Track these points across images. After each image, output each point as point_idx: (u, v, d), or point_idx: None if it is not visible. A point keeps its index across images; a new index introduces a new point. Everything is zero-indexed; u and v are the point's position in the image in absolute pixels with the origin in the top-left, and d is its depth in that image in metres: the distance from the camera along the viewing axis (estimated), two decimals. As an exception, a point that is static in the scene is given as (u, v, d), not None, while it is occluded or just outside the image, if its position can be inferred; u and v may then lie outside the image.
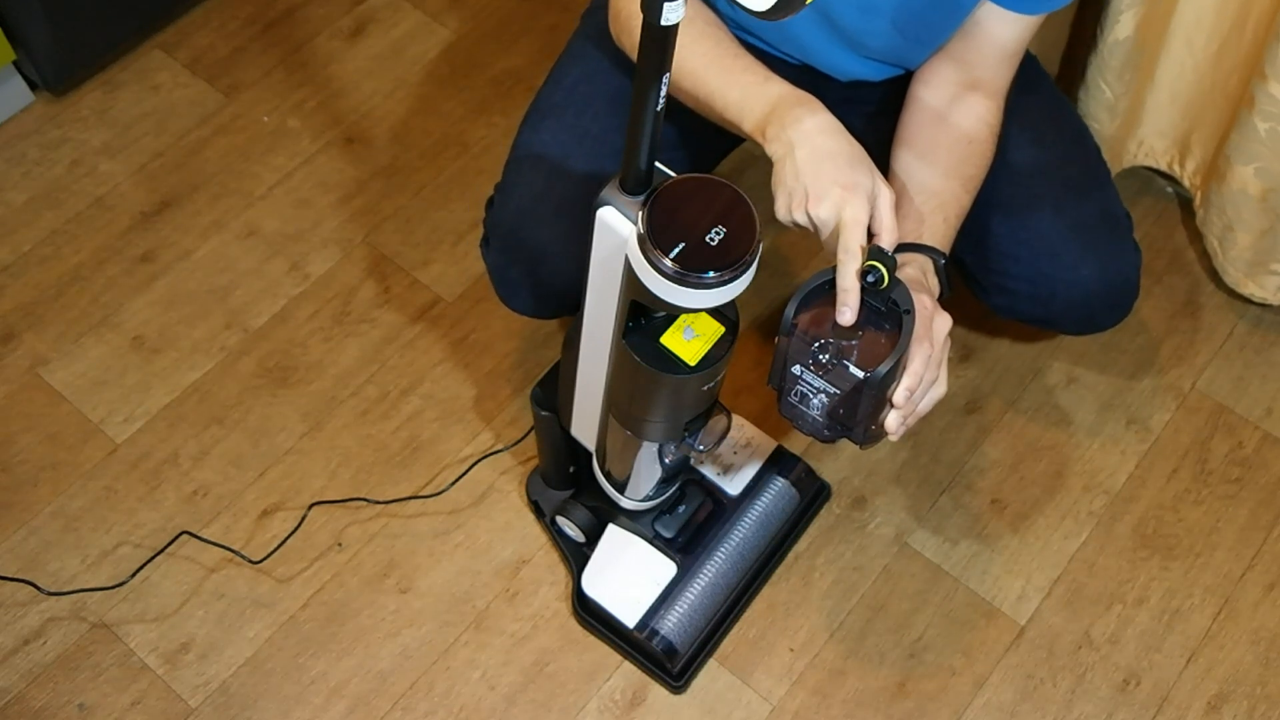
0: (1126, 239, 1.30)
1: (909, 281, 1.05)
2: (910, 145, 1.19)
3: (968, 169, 1.18)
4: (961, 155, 1.19)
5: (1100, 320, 1.32)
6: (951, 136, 1.19)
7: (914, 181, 1.17)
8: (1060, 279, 1.25)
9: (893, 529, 1.46)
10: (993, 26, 1.17)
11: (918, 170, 1.18)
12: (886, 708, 1.35)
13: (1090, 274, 1.25)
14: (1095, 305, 1.29)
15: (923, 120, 1.20)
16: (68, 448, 1.50)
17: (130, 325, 1.59)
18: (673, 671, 1.34)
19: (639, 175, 0.92)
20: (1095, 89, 1.49)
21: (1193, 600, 1.42)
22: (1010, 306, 1.30)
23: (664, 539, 1.35)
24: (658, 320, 1.02)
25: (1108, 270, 1.27)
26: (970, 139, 1.19)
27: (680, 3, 0.79)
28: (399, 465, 1.49)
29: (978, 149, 1.19)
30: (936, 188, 1.16)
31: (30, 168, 1.72)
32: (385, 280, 1.63)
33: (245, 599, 1.41)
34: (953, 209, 1.17)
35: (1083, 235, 1.25)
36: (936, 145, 1.18)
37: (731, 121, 1.12)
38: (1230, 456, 1.51)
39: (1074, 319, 1.31)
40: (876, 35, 1.20)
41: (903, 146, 1.20)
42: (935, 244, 1.14)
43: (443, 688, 1.36)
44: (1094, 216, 1.26)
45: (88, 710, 1.34)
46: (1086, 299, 1.27)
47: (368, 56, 1.84)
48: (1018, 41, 1.19)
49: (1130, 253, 1.30)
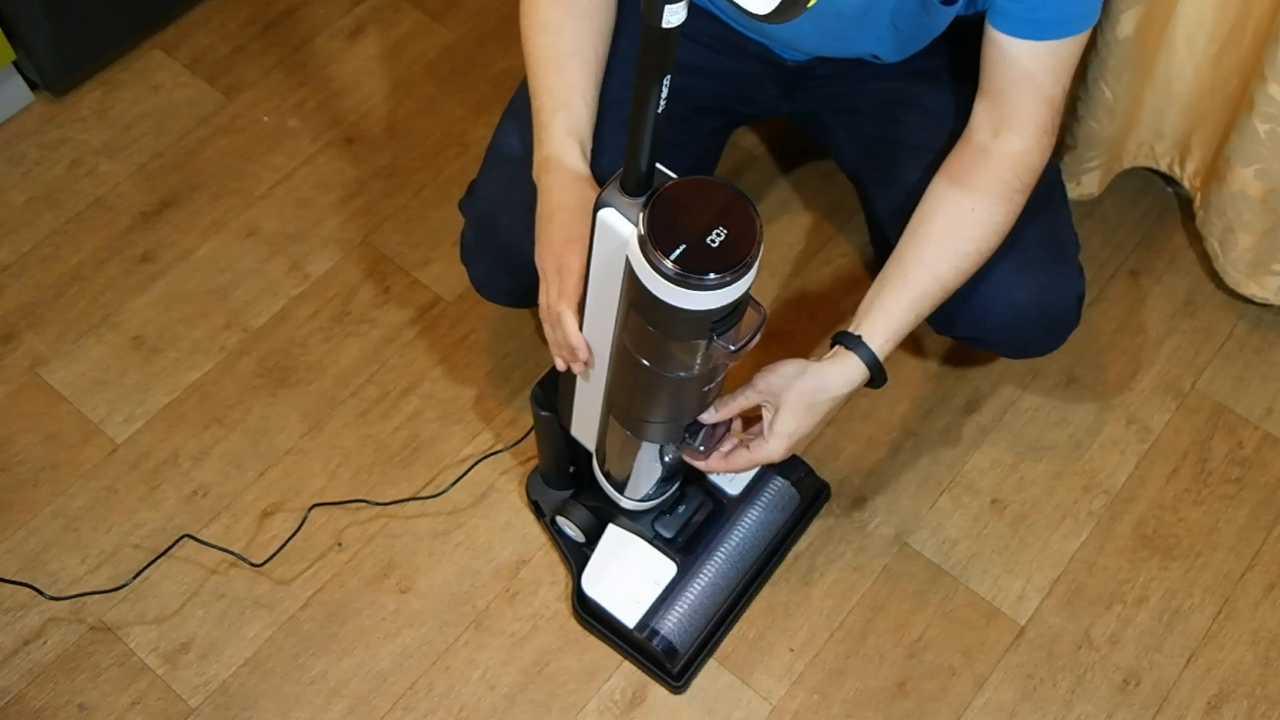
0: (1069, 264, 1.28)
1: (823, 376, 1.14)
2: (912, 216, 1.20)
3: (967, 245, 1.17)
4: (966, 225, 1.17)
5: (1035, 345, 1.31)
6: (948, 207, 1.18)
7: (902, 261, 1.17)
8: (995, 299, 1.23)
9: (893, 529, 1.46)
10: (1010, 54, 1.15)
11: (908, 247, 1.18)
12: (886, 708, 1.35)
13: (1025, 297, 1.24)
14: (1029, 329, 1.27)
15: (929, 190, 1.20)
16: (68, 448, 1.50)
17: (130, 325, 1.59)
18: (673, 671, 1.34)
19: (640, 177, 0.92)
20: (1095, 89, 1.49)
21: (1193, 600, 1.42)
22: (946, 323, 1.29)
23: (664, 539, 1.35)
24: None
25: (1045, 294, 1.25)
26: (973, 204, 1.17)
27: (682, 5, 0.79)
28: (399, 465, 1.50)
29: (981, 214, 1.17)
30: (926, 279, 1.16)
31: (30, 168, 1.72)
32: (385, 280, 1.63)
33: (245, 599, 1.41)
34: (931, 300, 1.17)
35: (1021, 258, 1.23)
36: (933, 215, 1.18)
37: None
38: (1230, 456, 1.51)
39: (1007, 341, 1.29)
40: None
41: (940, 182, 1.20)
42: (888, 351, 1.15)
43: (443, 688, 1.36)
44: (1036, 239, 1.24)
45: (88, 710, 1.34)
46: (1020, 322, 1.26)
47: (368, 56, 1.84)
48: (1041, 71, 1.15)
49: (1071, 278, 1.28)
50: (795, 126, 1.53)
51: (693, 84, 1.29)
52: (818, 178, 1.71)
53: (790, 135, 1.75)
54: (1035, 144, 1.17)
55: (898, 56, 1.28)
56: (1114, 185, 1.67)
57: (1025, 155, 1.17)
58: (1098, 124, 1.52)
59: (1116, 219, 1.67)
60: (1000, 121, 1.17)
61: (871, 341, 1.15)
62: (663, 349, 0.99)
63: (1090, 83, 1.49)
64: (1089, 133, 1.54)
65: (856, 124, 1.38)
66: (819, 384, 1.14)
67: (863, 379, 1.16)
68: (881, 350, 1.15)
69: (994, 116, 1.17)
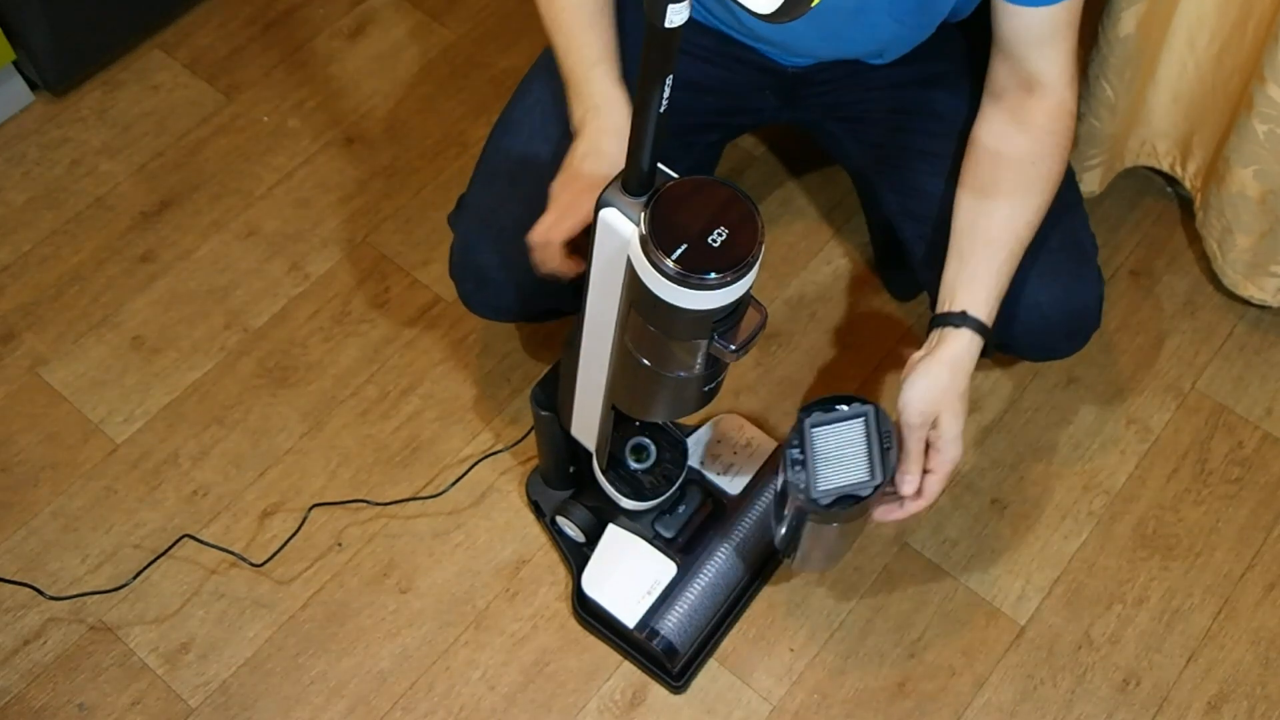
0: (1089, 266, 1.29)
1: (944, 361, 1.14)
2: (970, 187, 1.20)
3: (1034, 198, 1.18)
4: (1030, 180, 1.18)
5: (1058, 348, 1.31)
6: (1021, 153, 1.18)
7: (981, 226, 1.18)
8: (1019, 303, 1.24)
9: (892, 529, 1.46)
10: (1014, 22, 1.16)
11: (987, 208, 1.18)
12: (886, 708, 1.35)
13: (1048, 300, 1.25)
14: (1053, 332, 1.28)
15: (980, 157, 1.20)
16: (68, 448, 1.50)
17: (130, 325, 1.59)
18: (673, 671, 1.34)
19: (641, 176, 0.92)
20: (1096, 87, 1.49)
21: (1193, 600, 1.42)
22: None
23: (664, 539, 1.35)
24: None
25: (1068, 297, 1.26)
26: (1036, 157, 1.18)
27: (685, 5, 0.79)
28: (399, 465, 1.50)
29: (1044, 168, 1.18)
30: (1004, 235, 1.17)
31: (30, 168, 1.72)
32: (385, 280, 1.63)
33: (245, 599, 1.41)
34: (1017, 257, 1.17)
35: (1044, 262, 1.24)
36: (1005, 163, 1.19)
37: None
38: (1230, 456, 1.51)
39: (1031, 344, 1.29)
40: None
41: (974, 154, 1.21)
42: (992, 314, 1.16)
43: (443, 688, 1.36)
44: (1057, 242, 1.25)
45: (88, 710, 1.34)
46: (1045, 326, 1.26)
47: (368, 56, 1.84)
48: (1048, 27, 1.16)
49: (1092, 281, 1.29)
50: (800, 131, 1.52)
51: (687, 101, 1.29)
52: (818, 178, 1.71)
53: (791, 135, 1.75)
54: (1070, 92, 1.20)
55: (900, 51, 1.28)
56: (1114, 185, 1.67)
57: (1063, 105, 1.19)
58: (1099, 122, 1.52)
59: (1116, 219, 1.67)
60: (1029, 81, 1.18)
61: (978, 313, 1.15)
62: (664, 349, 0.99)
63: (1091, 80, 1.49)
64: (1090, 131, 1.54)
65: (864, 132, 1.37)
66: (950, 376, 1.14)
67: (979, 347, 1.16)
68: (989, 318, 1.16)
69: (1020, 77, 1.19)
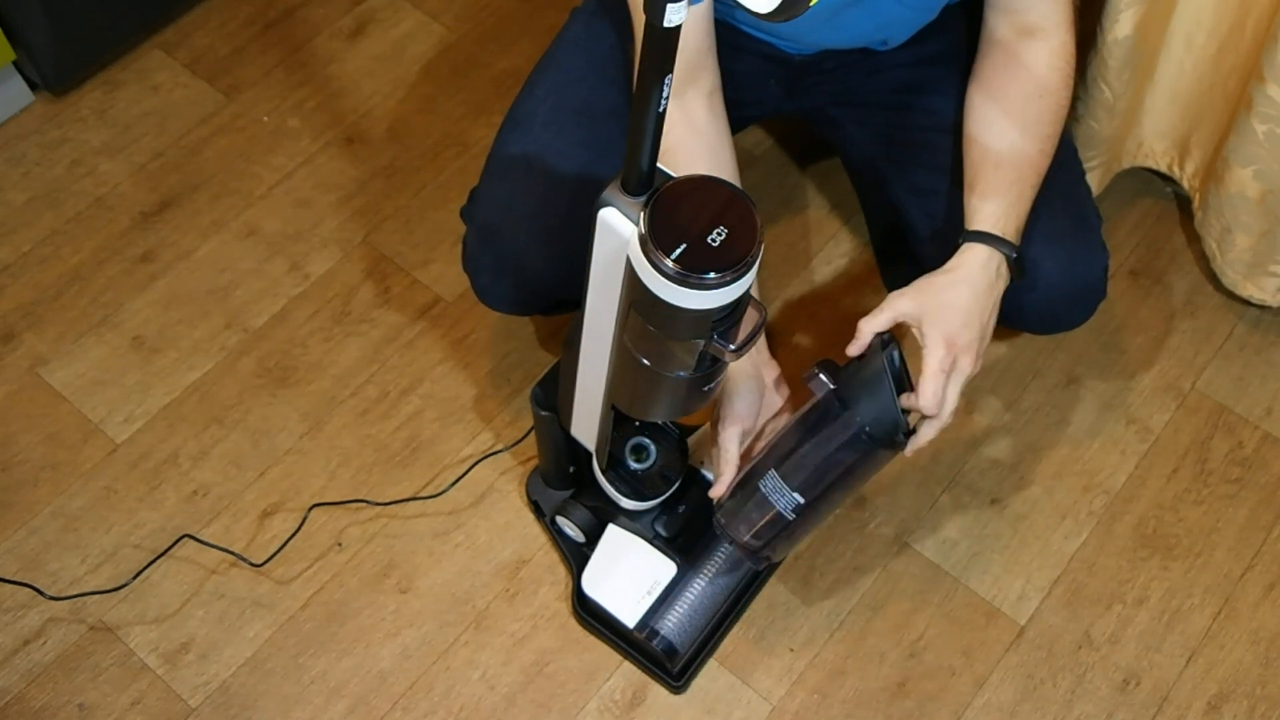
0: (1093, 235, 1.30)
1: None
2: (985, 89, 1.21)
3: (1043, 128, 1.19)
4: (1036, 112, 1.19)
5: (1065, 319, 1.32)
6: (1024, 87, 1.20)
7: (992, 149, 1.18)
8: (1025, 273, 1.24)
9: (893, 529, 1.46)
10: None
11: (995, 134, 1.19)
12: (886, 708, 1.35)
13: (1054, 268, 1.25)
14: (1060, 303, 1.29)
15: (996, 63, 1.22)
16: (68, 448, 1.50)
17: (130, 325, 1.59)
18: (673, 671, 1.34)
19: (640, 176, 0.91)
20: (1094, 88, 1.49)
21: (1193, 600, 1.42)
22: None
23: (664, 539, 1.35)
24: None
25: (1074, 266, 1.27)
26: (1042, 90, 1.19)
27: (683, 4, 0.79)
28: (399, 465, 1.50)
29: (1050, 102, 1.20)
30: (1013, 157, 1.17)
31: (30, 168, 1.72)
32: (385, 280, 1.63)
33: (245, 599, 1.41)
34: (1029, 181, 1.18)
35: (1047, 229, 1.24)
36: (1009, 95, 1.20)
37: None
38: (1230, 456, 1.51)
39: (1038, 316, 1.30)
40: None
41: (977, 88, 1.22)
42: (1009, 230, 1.16)
43: (443, 688, 1.36)
44: (1062, 213, 1.26)
45: (88, 710, 1.34)
46: (1051, 297, 1.27)
47: (368, 56, 1.84)
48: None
49: (1097, 252, 1.30)
50: (800, 120, 1.52)
51: None
52: (818, 177, 1.71)
53: (791, 135, 1.75)
54: (1069, 36, 1.22)
55: (907, 34, 1.28)
56: (1114, 185, 1.67)
57: (1065, 46, 1.21)
58: (1097, 123, 1.52)
59: (1116, 219, 1.67)
60: (1029, 28, 1.20)
61: (994, 229, 1.16)
62: (663, 348, 0.99)
63: (1090, 82, 1.49)
64: (1089, 132, 1.54)
65: (867, 115, 1.37)
66: (951, 286, 1.14)
67: (996, 261, 1.16)
68: (1004, 232, 1.16)
69: (1018, 26, 1.20)
